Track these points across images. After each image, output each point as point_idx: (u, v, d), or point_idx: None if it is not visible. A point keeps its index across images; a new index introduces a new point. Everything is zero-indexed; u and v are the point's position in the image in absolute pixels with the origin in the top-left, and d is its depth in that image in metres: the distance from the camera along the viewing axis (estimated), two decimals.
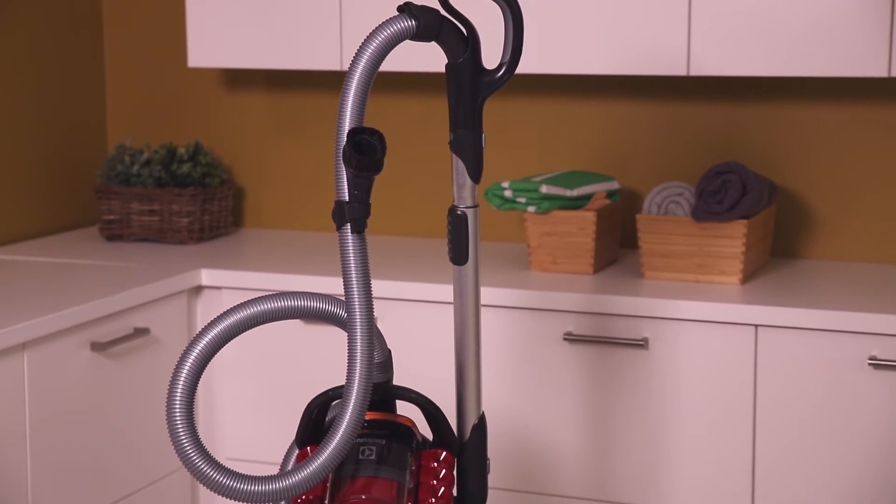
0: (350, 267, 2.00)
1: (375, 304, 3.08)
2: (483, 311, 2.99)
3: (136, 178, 3.59)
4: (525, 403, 2.98)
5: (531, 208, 3.13)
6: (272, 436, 3.20)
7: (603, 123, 3.44)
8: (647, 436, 2.90)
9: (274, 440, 3.20)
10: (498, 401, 3.00)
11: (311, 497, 2.09)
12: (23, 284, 3.02)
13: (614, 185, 3.27)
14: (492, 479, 3.02)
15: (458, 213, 2.14)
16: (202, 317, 3.22)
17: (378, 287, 3.04)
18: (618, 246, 3.30)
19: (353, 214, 1.98)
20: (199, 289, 3.22)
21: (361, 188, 1.98)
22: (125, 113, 3.90)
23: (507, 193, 3.15)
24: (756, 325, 2.80)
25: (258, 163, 3.79)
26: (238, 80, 3.77)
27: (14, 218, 3.57)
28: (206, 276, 3.19)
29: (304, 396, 3.17)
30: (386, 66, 3.24)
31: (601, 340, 2.89)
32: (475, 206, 2.15)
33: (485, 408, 3.01)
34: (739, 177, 2.99)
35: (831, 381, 2.76)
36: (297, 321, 3.14)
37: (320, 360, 3.14)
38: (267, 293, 3.08)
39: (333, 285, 3.09)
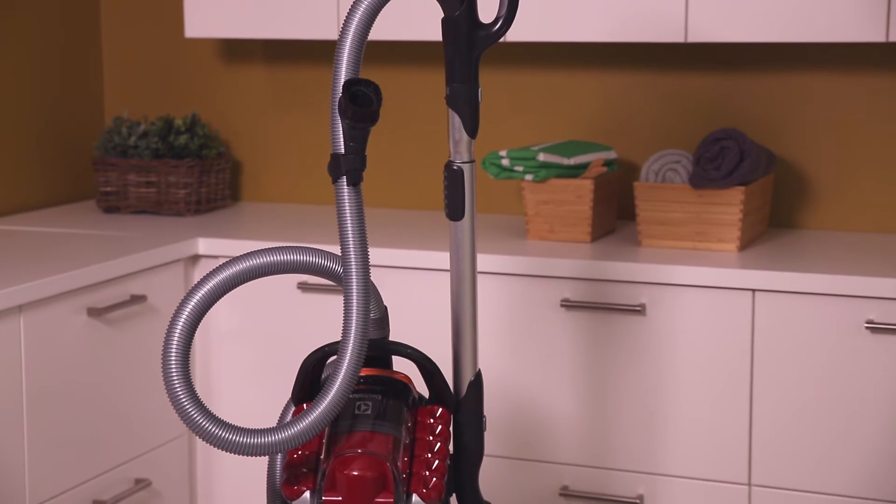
0: (346, 220, 2.00)
1: (373, 271, 3.07)
2: (480, 278, 2.99)
3: (134, 150, 3.59)
4: (522, 370, 2.98)
5: (528, 177, 3.13)
6: (270, 404, 3.20)
7: (600, 94, 3.43)
8: (645, 401, 2.89)
9: (272, 408, 3.20)
10: (495, 367, 3.00)
11: (307, 452, 2.08)
12: (19, 251, 3.02)
13: (612, 155, 3.27)
14: (488, 447, 3.02)
15: (455, 168, 2.14)
16: None
17: (375, 255, 3.04)
18: (615, 216, 3.29)
19: (349, 166, 1.97)
20: (196, 258, 3.22)
21: (357, 140, 1.98)
22: (122, 86, 3.89)
23: (505, 162, 3.14)
24: (753, 290, 2.80)
25: (256, 137, 3.78)
26: (236, 52, 3.76)
27: (10, 190, 3.57)
28: (203, 245, 3.19)
29: None
30: (385, 35, 3.24)
31: (598, 306, 2.89)
32: (471, 162, 2.15)
33: (482, 374, 3.00)
34: (737, 143, 2.99)
35: (829, 345, 2.76)
36: (295, 290, 3.14)
37: (318, 328, 3.14)
38: None
39: None
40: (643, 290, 2.87)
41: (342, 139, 1.98)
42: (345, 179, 1.98)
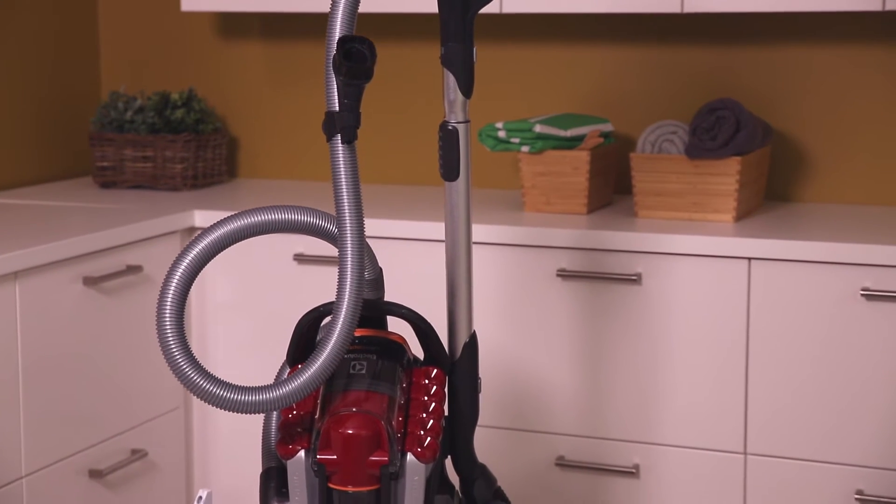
0: (340, 178, 2.00)
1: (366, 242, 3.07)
2: (476, 248, 2.99)
3: (130, 125, 3.59)
4: (518, 340, 2.98)
5: (525, 148, 3.13)
6: (267, 376, 3.20)
7: (597, 67, 3.43)
8: (641, 371, 2.90)
9: (269, 380, 3.20)
10: (492, 337, 3.00)
11: (301, 412, 2.08)
12: (15, 222, 3.02)
13: (608, 128, 3.26)
14: (484, 418, 3.02)
15: (450, 128, 2.14)
16: None
17: (369, 226, 3.04)
18: (612, 190, 3.29)
19: (343, 123, 1.97)
20: (192, 230, 3.22)
21: (351, 97, 1.97)
22: (119, 61, 3.89)
23: (501, 134, 3.14)
24: (749, 259, 2.80)
25: (252, 113, 3.78)
26: (232, 27, 3.76)
27: (6, 166, 3.56)
28: (200, 217, 3.19)
29: None
30: (378, 8, 3.24)
31: (594, 276, 2.89)
32: (466, 122, 2.15)
33: (477, 336, 3.00)
34: (733, 113, 2.99)
35: (824, 313, 2.76)
36: (291, 262, 3.14)
37: (314, 300, 3.14)
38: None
39: None
40: (639, 260, 2.87)
41: (336, 97, 1.98)
42: (339, 137, 1.98)
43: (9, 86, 3.55)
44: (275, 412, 2.17)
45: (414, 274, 3.05)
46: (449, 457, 2.51)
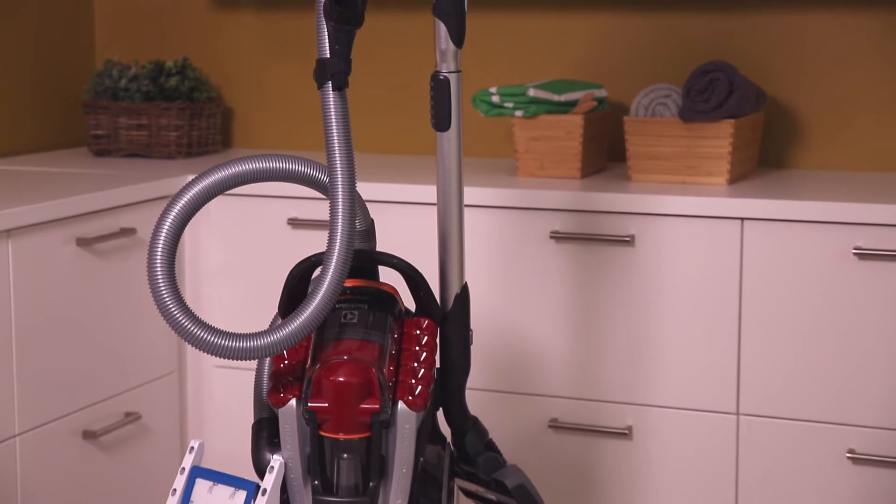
0: (332, 126, 1.99)
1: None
2: (469, 211, 2.99)
3: (125, 93, 3.59)
4: (511, 302, 2.98)
5: (518, 112, 3.13)
6: None
7: (591, 35, 3.43)
8: (633, 332, 2.90)
9: None
10: (485, 300, 3.00)
11: (293, 361, 2.08)
12: (8, 184, 3.02)
13: (602, 93, 3.26)
14: (476, 380, 3.02)
15: (441, 77, 2.14)
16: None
17: (361, 189, 3.04)
18: (605, 157, 3.29)
19: (334, 69, 1.97)
20: None
21: (342, 43, 1.98)
22: (113, 30, 3.89)
23: (495, 99, 3.14)
24: (742, 219, 2.80)
25: (247, 83, 3.77)
26: None
27: (0, 135, 3.57)
28: None
29: None
30: None
31: (588, 238, 2.89)
32: (458, 72, 2.15)
33: (471, 308, 3.00)
34: (726, 75, 2.99)
35: (817, 272, 2.76)
36: (285, 226, 3.14)
37: None
38: (256, 197, 3.08)
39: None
40: (632, 222, 2.87)
41: (327, 43, 1.98)
42: (330, 85, 1.98)
43: (1, 54, 3.55)
44: (266, 362, 2.17)
45: (405, 236, 3.05)
46: (441, 410, 2.51)
